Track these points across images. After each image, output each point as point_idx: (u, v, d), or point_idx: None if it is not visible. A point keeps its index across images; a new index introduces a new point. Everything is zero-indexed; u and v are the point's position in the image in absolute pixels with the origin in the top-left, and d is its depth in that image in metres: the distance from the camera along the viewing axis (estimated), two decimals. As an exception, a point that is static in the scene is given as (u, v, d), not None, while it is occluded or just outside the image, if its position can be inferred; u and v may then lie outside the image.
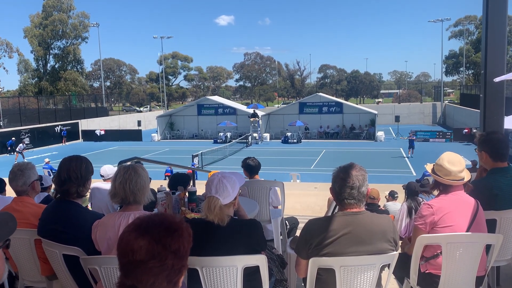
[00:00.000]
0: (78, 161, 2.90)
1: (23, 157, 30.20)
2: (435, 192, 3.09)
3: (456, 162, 2.85)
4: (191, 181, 4.83)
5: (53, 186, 5.77)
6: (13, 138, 34.71)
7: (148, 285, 1.34)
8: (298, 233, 5.38)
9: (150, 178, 2.88)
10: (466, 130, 34.58)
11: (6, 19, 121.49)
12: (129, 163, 2.73)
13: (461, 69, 66.80)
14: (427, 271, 2.88)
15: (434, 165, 2.98)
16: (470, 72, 67.77)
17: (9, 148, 34.52)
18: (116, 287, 1.40)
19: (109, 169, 5.24)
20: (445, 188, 2.90)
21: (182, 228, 1.43)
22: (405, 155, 29.32)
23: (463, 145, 31.17)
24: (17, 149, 31.53)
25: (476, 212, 2.84)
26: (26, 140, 35.65)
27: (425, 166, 3.17)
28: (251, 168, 5.09)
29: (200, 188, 4.37)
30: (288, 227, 5.25)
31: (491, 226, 3.12)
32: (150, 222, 1.40)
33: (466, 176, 2.90)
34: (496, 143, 3.32)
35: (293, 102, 50.05)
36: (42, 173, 19.98)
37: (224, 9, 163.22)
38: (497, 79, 3.97)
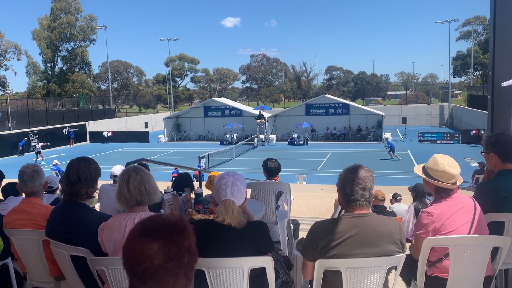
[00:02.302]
0: (87, 162, 2.92)
1: (42, 158, 30.58)
2: None
3: (454, 165, 2.85)
4: (192, 179, 4.84)
5: (59, 187, 5.83)
6: (25, 138, 35.32)
7: (170, 286, 1.35)
8: (300, 234, 5.39)
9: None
10: (474, 132, 34.35)
11: (15, 22, 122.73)
12: (133, 164, 2.73)
13: (469, 70, 66.36)
14: (433, 275, 2.87)
15: (429, 170, 2.89)
16: (478, 73, 67.32)
17: (20, 148, 34.80)
18: None
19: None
20: (446, 193, 2.87)
21: (187, 224, 1.44)
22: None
23: (471, 146, 30.97)
24: (36, 150, 31.55)
25: (475, 211, 2.83)
26: (34, 142, 35.91)
27: (414, 169, 3.10)
28: (271, 170, 5.13)
29: (207, 190, 4.38)
30: (292, 228, 5.26)
31: (499, 228, 3.10)
32: (157, 225, 1.39)
33: (459, 177, 2.90)
34: (505, 144, 3.30)
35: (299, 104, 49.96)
36: (50, 174, 20.12)
37: (230, 11, 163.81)
38: (504, 84, 3.94)
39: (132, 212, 2.60)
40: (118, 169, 5.35)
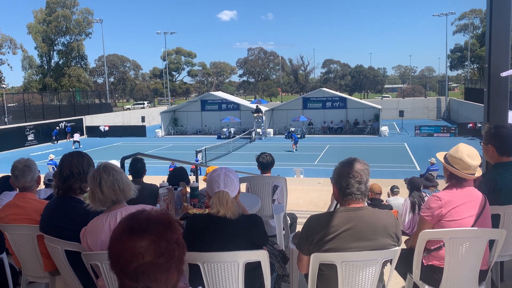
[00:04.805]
0: (79, 156, 2.90)
1: (80, 145, 34.47)
2: (440, 187, 3.06)
3: (475, 156, 2.82)
4: (187, 173, 4.82)
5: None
6: (57, 128, 38.65)
7: (163, 281, 1.34)
8: (298, 228, 5.40)
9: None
10: (471, 125, 34.43)
11: (10, 15, 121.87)
12: (103, 163, 2.64)
13: (466, 63, 66.34)
14: (430, 263, 2.87)
15: (448, 156, 2.91)
16: (475, 67, 67.33)
17: (54, 137, 37.90)
18: None
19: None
20: (459, 182, 2.87)
21: (172, 218, 1.44)
22: (410, 152, 29.13)
23: (468, 139, 30.99)
24: (74, 139, 35.28)
25: (483, 207, 2.82)
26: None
27: (437, 154, 3.13)
28: (263, 164, 5.13)
29: (203, 183, 4.36)
30: (289, 221, 5.26)
31: (495, 221, 3.10)
32: (142, 221, 1.37)
33: (479, 170, 2.88)
34: (504, 137, 3.28)
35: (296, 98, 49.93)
36: (47, 169, 20.07)
37: (227, 4, 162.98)
38: (503, 74, 3.93)
39: (112, 210, 2.52)
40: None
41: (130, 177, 4.10)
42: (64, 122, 41.11)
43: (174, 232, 1.39)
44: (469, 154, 2.82)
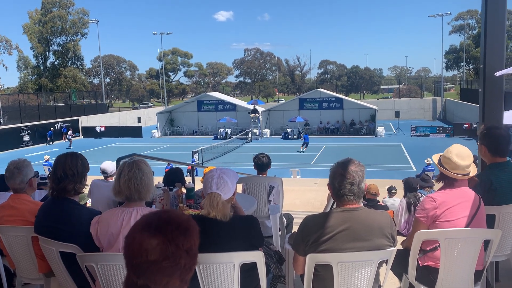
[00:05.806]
0: (73, 157, 2.87)
1: (71, 144, 36.09)
2: (435, 188, 3.06)
3: (465, 156, 2.81)
4: (183, 174, 4.81)
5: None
6: (52, 129, 38.90)
7: (162, 284, 1.33)
8: (294, 228, 5.40)
9: (153, 172, 2.83)
10: (467, 125, 34.58)
11: (5, 16, 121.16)
12: (130, 158, 2.67)
13: (462, 64, 66.58)
14: (425, 264, 2.88)
15: (441, 156, 2.92)
16: (470, 67, 67.57)
17: (48, 138, 38.18)
18: (124, 286, 1.38)
19: (112, 166, 5.22)
20: (450, 182, 2.87)
21: (192, 226, 1.41)
22: (406, 152, 29.22)
23: (464, 140, 31.10)
24: (68, 137, 37.40)
25: (478, 208, 2.82)
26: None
27: (432, 156, 3.13)
28: (260, 165, 5.13)
29: (200, 184, 4.35)
30: (285, 222, 5.26)
31: (490, 221, 3.11)
32: (161, 221, 1.37)
33: (473, 170, 2.87)
34: (497, 138, 3.29)
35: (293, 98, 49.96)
36: (43, 170, 20.00)
37: (223, 4, 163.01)
38: (498, 73, 3.94)
39: (129, 206, 2.59)
40: (107, 165, 5.30)
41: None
42: (60, 123, 40.95)
43: (188, 240, 1.36)
44: (458, 154, 2.81)
